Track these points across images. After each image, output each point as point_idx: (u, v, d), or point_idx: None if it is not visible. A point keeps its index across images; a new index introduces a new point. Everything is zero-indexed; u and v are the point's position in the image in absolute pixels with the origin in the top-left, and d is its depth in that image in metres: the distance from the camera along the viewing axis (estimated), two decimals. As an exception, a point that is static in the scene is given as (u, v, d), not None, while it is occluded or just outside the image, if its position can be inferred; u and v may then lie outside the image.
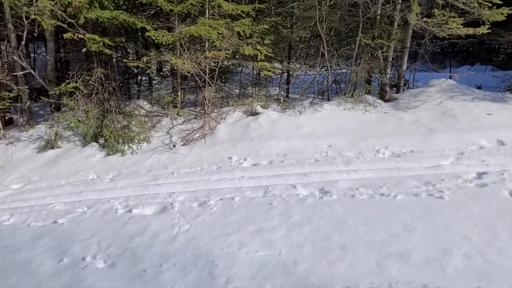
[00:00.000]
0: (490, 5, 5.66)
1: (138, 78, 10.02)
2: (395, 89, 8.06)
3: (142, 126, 6.87)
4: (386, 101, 7.52)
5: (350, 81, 7.64)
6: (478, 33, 5.81)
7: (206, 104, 6.94)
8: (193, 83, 8.11)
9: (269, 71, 7.23)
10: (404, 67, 7.69)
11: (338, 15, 7.96)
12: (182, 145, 6.38)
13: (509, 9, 5.66)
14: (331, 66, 7.52)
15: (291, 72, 9.34)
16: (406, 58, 7.58)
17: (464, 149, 5.21)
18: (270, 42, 7.25)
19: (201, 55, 6.42)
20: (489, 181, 4.22)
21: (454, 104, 6.52)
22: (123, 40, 6.75)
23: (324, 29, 7.31)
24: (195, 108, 8.01)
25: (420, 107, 6.70)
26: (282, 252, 3.23)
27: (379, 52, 7.32)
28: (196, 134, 6.58)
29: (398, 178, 4.59)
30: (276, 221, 3.79)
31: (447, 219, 3.54)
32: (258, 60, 6.85)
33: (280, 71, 8.91)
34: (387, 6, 6.95)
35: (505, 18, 5.79)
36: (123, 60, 7.48)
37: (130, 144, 6.40)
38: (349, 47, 7.74)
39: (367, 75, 7.80)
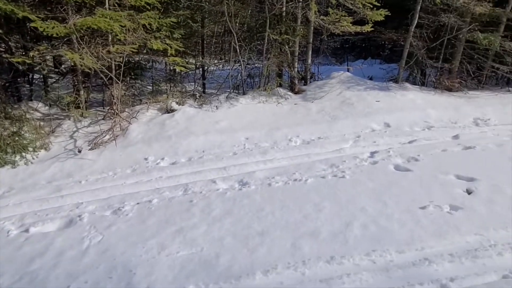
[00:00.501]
0: (372, 6, 6.58)
1: (30, 77, 8.63)
2: (303, 81, 8.72)
3: (38, 132, 5.98)
4: (296, 93, 8.08)
5: (263, 75, 7.97)
6: (365, 31, 6.71)
7: (115, 103, 6.41)
8: (99, 80, 7.38)
9: (182, 66, 7.04)
10: (309, 61, 8.36)
11: (249, 11, 8.17)
12: (90, 149, 5.78)
13: (386, 11, 6.67)
14: (243, 61, 7.71)
15: (206, 67, 9.26)
16: (310, 52, 8.25)
17: (360, 133, 5.98)
18: (181, 36, 7.04)
19: (102, 50, 5.87)
20: (379, 159, 4.95)
21: (351, 94, 7.40)
22: (0, 31, 5.71)
23: (237, 24, 7.44)
24: (103, 108, 7.33)
25: (325, 97, 7.41)
26: (204, 248, 3.24)
27: (286, 47, 7.80)
28: (105, 136, 6.04)
29: (309, 163, 5.02)
30: (197, 218, 3.78)
31: (348, 195, 4.03)
32: (169, 55, 6.59)
33: (194, 66, 8.77)
34: (290, 3, 7.42)
35: (383, 18, 6.79)
36: (2, 56, 6.33)
37: (23, 154, 5.52)
38: (259, 42, 8.04)
39: (277, 69, 8.24)
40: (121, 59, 6.28)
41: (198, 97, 7.88)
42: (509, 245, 2.98)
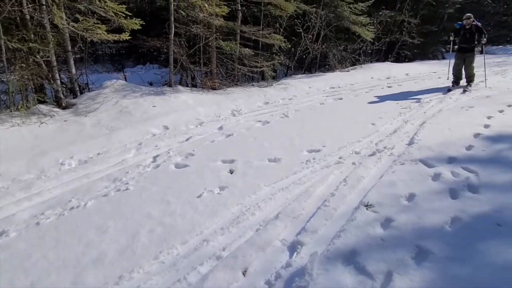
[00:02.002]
0: (124, 15, 6.64)
1: None
2: (73, 94, 7.75)
3: None
4: (64, 108, 7.09)
5: (11, 92, 6.44)
6: (123, 39, 6.69)
7: None
8: None
9: None
10: (73, 70, 7.50)
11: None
12: None
13: (140, 20, 6.93)
14: (-28, 77, 5.91)
15: None
16: (72, 62, 7.40)
17: (142, 140, 6.04)
18: None
19: None
20: (161, 161, 5.20)
21: (128, 102, 7.28)
22: None
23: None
24: None
25: (99, 109, 6.91)
26: None
27: (38, 56, 6.63)
28: None
29: (88, 184, 4.59)
30: None
31: (134, 206, 4.01)
32: None
33: None
34: (29, 6, 6.27)
35: (140, 27, 7.01)
36: None
37: None
38: (-8, 52, 6.37)
39: (32, 83, 6.88)
40: None
41: None
42: (258, 205, 3.93)
